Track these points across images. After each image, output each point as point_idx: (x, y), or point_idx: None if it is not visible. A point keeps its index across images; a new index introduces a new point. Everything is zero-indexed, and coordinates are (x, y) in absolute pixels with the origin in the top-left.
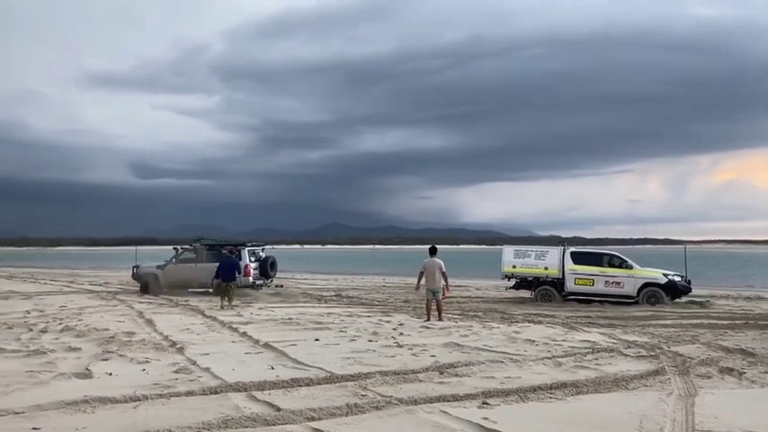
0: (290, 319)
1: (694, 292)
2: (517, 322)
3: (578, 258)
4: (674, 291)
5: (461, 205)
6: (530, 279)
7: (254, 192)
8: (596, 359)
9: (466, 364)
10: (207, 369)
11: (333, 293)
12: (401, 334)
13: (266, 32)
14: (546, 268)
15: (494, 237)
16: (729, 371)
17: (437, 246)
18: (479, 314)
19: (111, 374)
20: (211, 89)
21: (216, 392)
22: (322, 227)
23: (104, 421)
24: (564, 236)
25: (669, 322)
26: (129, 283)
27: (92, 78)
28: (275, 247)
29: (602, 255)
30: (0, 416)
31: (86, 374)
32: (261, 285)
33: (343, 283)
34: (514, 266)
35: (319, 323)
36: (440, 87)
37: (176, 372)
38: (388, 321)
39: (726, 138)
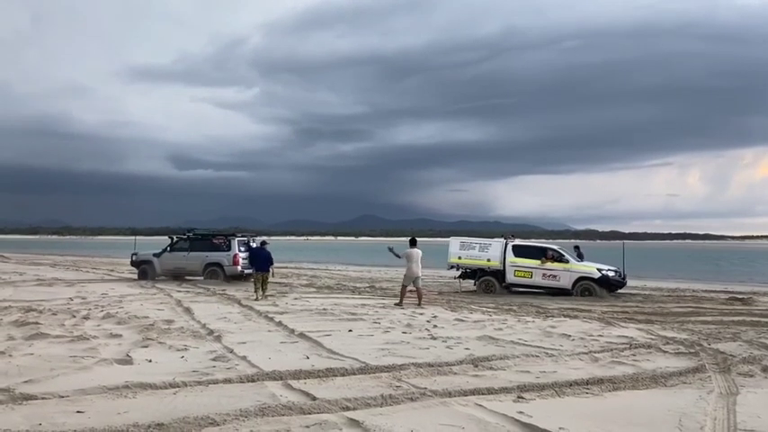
0: (324, 309)
1: (736, 288)
2: (552, 317)
3: (519, 251)
4: (608, 285)
5: (496, 198)
6: (474, 269)
7: (290, 183)
8: (634, 355)
9: (501, 358)
10: (244, 357)
11: (366, 285)
12: (435, 326)
13: (303, 26)
14: (488, 260)
15: (529, 230)
16: None
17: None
18: (514, 308)
19: (150, 361)
20: (250, 82)
21: (253, 380)
22: (356, 218)
23: (145, 406)
24: (600, 230)
25: (709, 319)
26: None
27: (134, 72)
28: (309, 238)
29: (541, 249)
30: (46, 399)
31: (127, 361)
32: (250, 275)
33: (377, 274)
34: (460, 257)
35: (353, 314)
36: (475, 80)
37: (214, 360)
38: (421, 314)
39: None
